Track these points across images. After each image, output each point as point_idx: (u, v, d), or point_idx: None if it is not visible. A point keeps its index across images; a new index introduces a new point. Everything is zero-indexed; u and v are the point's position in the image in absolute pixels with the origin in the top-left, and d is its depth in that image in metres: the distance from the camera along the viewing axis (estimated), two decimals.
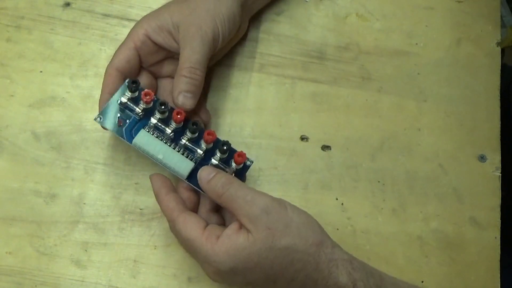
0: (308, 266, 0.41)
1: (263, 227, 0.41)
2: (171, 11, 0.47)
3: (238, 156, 0.44)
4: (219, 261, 0.41)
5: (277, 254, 0.41)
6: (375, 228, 0.51)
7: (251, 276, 0.42)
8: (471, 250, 0.51)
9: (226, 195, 0.42)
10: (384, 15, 0.57)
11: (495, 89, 0.56)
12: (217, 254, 0.41)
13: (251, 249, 0.41)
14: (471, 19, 0.57)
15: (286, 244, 0.41)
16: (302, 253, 0.41)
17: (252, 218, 0.41)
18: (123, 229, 0.49)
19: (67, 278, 0.48)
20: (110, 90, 0.46)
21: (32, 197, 0.49)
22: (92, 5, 0.55)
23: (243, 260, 0.41)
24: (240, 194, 0.42)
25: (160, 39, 0.47)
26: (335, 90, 0.55)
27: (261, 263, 0.41)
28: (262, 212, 0.41)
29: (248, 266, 0.41)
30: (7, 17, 0.54)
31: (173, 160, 0.45)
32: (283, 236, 0.41)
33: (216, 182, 0.43)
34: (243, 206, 0.41)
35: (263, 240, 0.41)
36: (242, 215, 0.41)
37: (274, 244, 0.41)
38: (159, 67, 0.49)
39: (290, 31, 0.56)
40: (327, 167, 0.52)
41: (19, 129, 0.51)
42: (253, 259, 0.41)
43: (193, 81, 0.45)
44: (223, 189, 0.42)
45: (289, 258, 0.41)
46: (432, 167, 0.53)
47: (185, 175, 0.45)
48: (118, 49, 0.47)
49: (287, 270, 0.41)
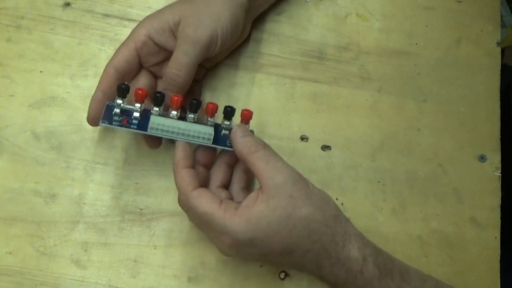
0: (324, 238, 0.43)
1: (286, 194, 0.42)
2: (173, 11, 0.47)
3: (245, 112, 0.45)
4: (240, 231, 0.41)
5: (296, 223, 0.42)
6: (375, 228, 0.51)
7: (269, 246, 0.42)
8: (471, 250, 0.51)
9: (258, 154, 0.43)
10: (384, 15, 0.57)
11: (495, 89, 0.56)
12: (238, 224, 0.41)
13: (272, 217, 0.41)
14: (471, 19, 0.57)
15: (306, 214, 0.42)
16: (320, 224, 0.42)
17: (278, 183, 0.42)
18: (123, 229, 0.49)
19: (67, 278, 0.48)
20: (104, 89, 0.46)
21: (32, 197, 0.49)
22: (92, 5, 0.55)
23: (263, 229, 0.41)
24: (271, 159, 0.43)
25: (162, 39, 0.47)
26: (335, 90, 0.55)
27: (281, 232, 0.42)
28: (288, 179, 0.42)
29: (268, 235, 0.41)
30: (7, 17, 0.54)
31: (195, 128, 0.45)
32: (304, 206, 0.42)
33: (251, 140, 0.44)
34: (272, 170, 0.42)
35: (284, 207, 0.41)
36: (268, 178, 0.42)
37: (294, 212, 0.42)
38: (159, 67, 0.49)
39: (290, 31, 0.56)
40: (327, 167, 0.52)
41: (19, 129, 0.51)
42: (273, 227, 0.41)
43: (176, 83, 0.46)
44: (256, 148, 0.43)
45: (307, 228, 0.42)
46: (432, 167, 0.53)
47: (211, 138, 0.45)
48: (118, 49, 0.47)
49: (304, 241, 0.42)
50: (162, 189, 0.50)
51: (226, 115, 0.46)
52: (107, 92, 0.46)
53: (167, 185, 0.51)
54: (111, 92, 0.46)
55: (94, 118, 0.46)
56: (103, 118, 0.45)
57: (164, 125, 0.45)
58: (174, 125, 0.45)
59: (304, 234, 0.42)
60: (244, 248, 0.42)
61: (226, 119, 0.46)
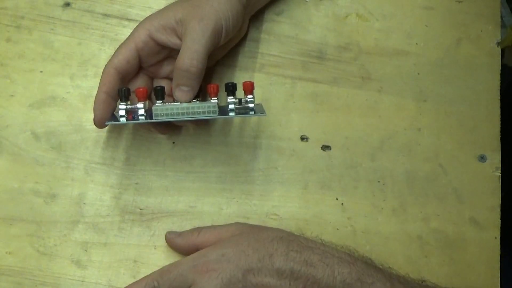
0: None
1: (236, 236, 0.47)
2: (174, 10, 0.47)
3: (246, 85, 0.46)
4: (204, 252, 0.44)
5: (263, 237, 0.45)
6: (375, 228, 0.51)
7: (246, 260, 0.43)
8: (471, 250, 0.51)
9: (200, 236, 0.48)
10: (384, 15, 0.57)
11: (495, 89, 0.56)
12: (190, 259, 0.44)
13: (236, 238, 0.45)
14: (471, 19, 0.57)
15: (266, 235, 0.46)
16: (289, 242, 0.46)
17: (225, 238, 0.47)
18: (123, 229, 0.49)
19: (67, 278, 0.48)
20: (107, 89, 0.46)
21: (32, 197, 0.49)
22: (92, 5, 0.55)
23: (232, 243, 0.44)
24: (210, 229, 0.49)
25: (164, 37, 0.47)
26: (335, 90, 0.55)
27: (250, 242, 0.44)
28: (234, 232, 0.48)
29: (240, 249, 0.44)
30: (7, 17, 0.54)
31: (199, 105, 0.45)
32: (261, 231, 0.47)
33: (184, 235, 0.49)
34: (217, 237, 0.47)
35: (243, 235, 0.46)
36: (217, 243, 0.46)
37: (257, 235, 0.46)
38: (157, 67, 0.49)
39: (290, 31, 0.56)
40: (327, 167, 0.52)
41: (19, 129, 0.51)
42: (242, 242, 0.44)
43: (190, 74, 0.45)
44: (192, 234, 0.48)
45: (272, 236, 0.45)
46: (432, 167, 0.53)
47: (216, 110, 0.45)
48: (118, 49, 0.47)
49: (278, 244, 0.44)
50: (162, 189, 0.51)
51: (228, 90, 0.46)
52: (110, 92, 0.46)
53: (167, 185, 0.51)
54: (114, 92, 0.46)
55: (101, 120, 0.46)
56: (109, 119, 0.46)
57: (167, 109, 0.45)
58: (177, 106, 0.45)
59: (272, 237, 0.45)
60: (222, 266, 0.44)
61: (229, 94, 0.46)
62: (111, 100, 0.46)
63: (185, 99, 0.46)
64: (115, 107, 0.47)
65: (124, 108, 0.45)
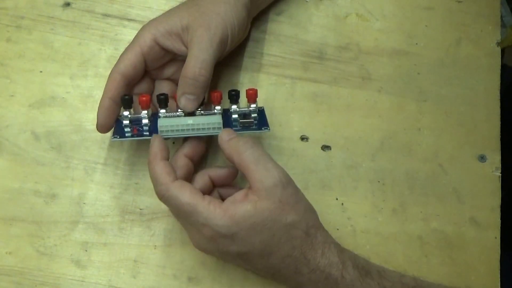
0: (304, 245, 0.43)
1: (276, 198, 0.42)
2: (180, 15, 0.46)
3: (250, 94, 0.46)
4: (223, 224, 0.41)
5: (280, 227, 0.42)
6: (375, 228, 0.51)
7: (249, 245, 0.42)
8: (471, 250, 0.51)
9: (246, 155, 0.43)
10: (384, 15, 0.57)
11: (495, 89, 0.56)
12: (221, 218, 0.41)
13: (257, 218, 0.41)
14: (471, 19, 0.57)
15: (291, 221, 0.42)
16: (302, 232, 0.43)
17: (268, 186, 0.42)
18: (123, 229, 0.49)
19: (67, 278, 0.48)
20: (112, 95, 0.46)
21: (32, 197, 0.49)
22: (92, 5, 0.55)
23: (246, 228, 0.41)
24: (261, 159, 0.43)
25: (169, 43, 0.46)
26: (335, 90, 0.55)
27: (263, 233, 0.42)
28: (278, 183, 0.42)
29: (250, 234, 0.41)
30: (7, 17, 0.54)
31: (203, 121, 0.45)
32: (290, 213, 0.42)
33: (237, 141, 0.43)
34: (262, 172, 0.42)
35: (272, 211, 0.41)
36: (257, 180, 0.42)
37: (280, 218, 0.42)
38: (160, 69, 0.49)
39: (290, 31, 0.56)
40: (327, 167, 0.52)
41: (19, 129, 0.51)
42: (256, 228, 0.41)
43: (198, 83, 0.45)
44: (244, 148, 0.43)
45: (290, 234, 0.42)
46: (432, 167, 0.53)
47: (220, 126, 0.45)
48: (123, 54, 0.46)
49: (285, 244, 0.42)
50: None
51: (232, 99, 0.47)
52: (114, 98, 0.46)
53: None
54: (118, 98, 0.46)
55: (104, 125, 0.46)
56: (115, 133, 0.46)
57: (173, 125, 0.45)
58: (182, 122, 0.45)
59: (286, 238, 0.42)
60: (223, 242, 0.42)
61: (232, 103, 0.47)
62: (115, 106, 0.46)
63: (191, 107, 0.46)
64: (119, 112, 0.47)
65: (128, 117, 0.46)
